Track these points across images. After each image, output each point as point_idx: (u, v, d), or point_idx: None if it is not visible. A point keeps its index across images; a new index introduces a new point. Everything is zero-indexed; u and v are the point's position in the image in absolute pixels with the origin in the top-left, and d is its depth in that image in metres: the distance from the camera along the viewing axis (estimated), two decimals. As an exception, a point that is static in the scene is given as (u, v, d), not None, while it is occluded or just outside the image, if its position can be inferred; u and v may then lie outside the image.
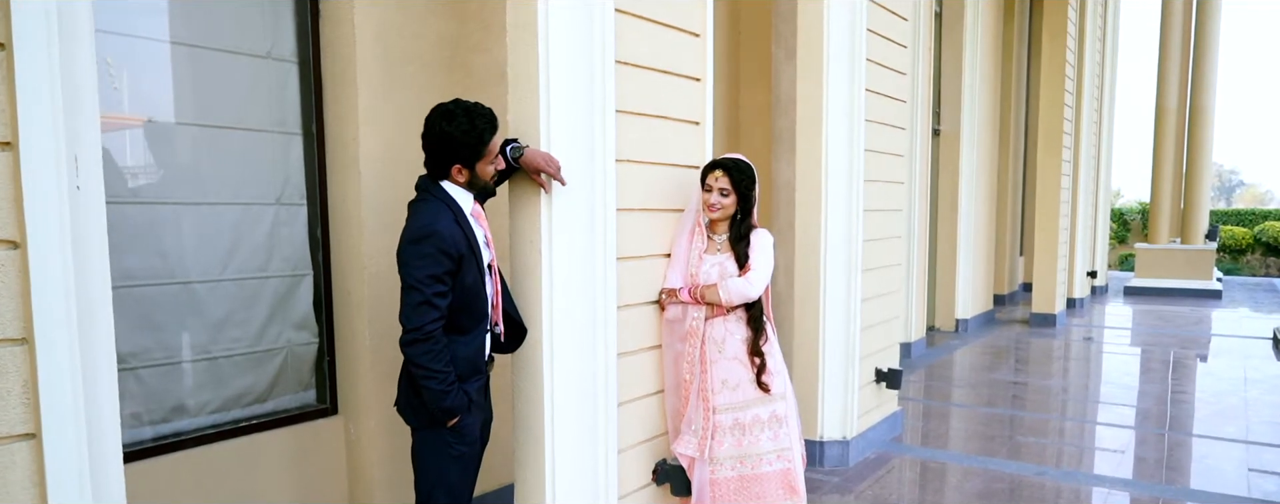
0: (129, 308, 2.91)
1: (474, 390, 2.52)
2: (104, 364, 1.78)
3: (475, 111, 2.43)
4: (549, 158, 2.68)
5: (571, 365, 2.86)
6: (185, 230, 3.08)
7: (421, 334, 2.35)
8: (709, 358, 3.08)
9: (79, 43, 1.67)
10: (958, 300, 9.42)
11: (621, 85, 2.95)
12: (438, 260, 2.36)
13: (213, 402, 3.16)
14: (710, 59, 3.38)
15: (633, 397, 3.10)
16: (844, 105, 4.62)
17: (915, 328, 8.03)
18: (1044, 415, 5.90)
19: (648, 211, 3.12)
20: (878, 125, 4.96)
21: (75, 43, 1.66)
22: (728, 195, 3.04)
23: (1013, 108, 11.57)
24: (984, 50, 9.58)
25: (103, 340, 1.77)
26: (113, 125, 2.93)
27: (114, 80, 2.99)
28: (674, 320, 3.13)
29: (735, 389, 3.06)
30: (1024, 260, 13.11)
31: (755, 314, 3.07)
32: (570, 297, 2.84)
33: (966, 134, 9.20)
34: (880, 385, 5.10)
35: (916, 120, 7.86)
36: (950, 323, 9.47)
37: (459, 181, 2.50)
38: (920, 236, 8.18)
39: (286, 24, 3.36)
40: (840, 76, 4.59)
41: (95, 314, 1.75)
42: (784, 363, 3.19)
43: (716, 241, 3.15)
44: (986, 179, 10.38)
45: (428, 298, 2.35)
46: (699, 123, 3.38)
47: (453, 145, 2.41)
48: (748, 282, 2.98)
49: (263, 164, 3.30)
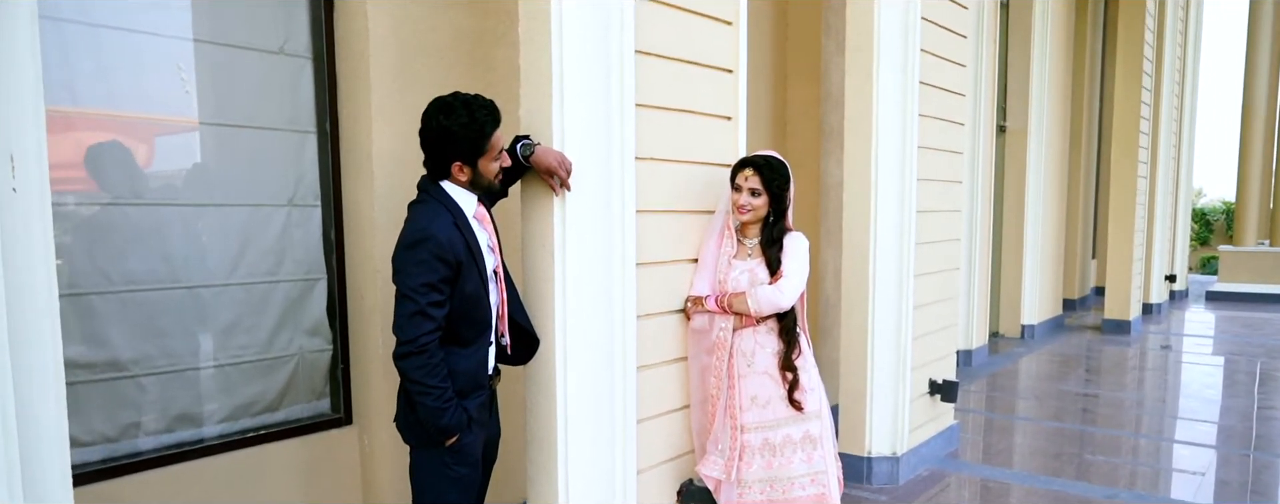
0: (131, 313, 2.81)
1: (474, 407, 2.33)
2: (48, 381, 1.63)
3: (475, 104, 2.24)
4: (562, 158, 2.48)
5: (587, 379, 2.66)
6: (192, 233, 2.97)
7: (415, 347, 2.17)
8: (737, 372, 2.84)
9: (16, 29, 1.52)
10: (1023, 305, 8.95)
11: (643, 77, 2.74)
12: (433, 267, 2.18)
13: (220, 411, 3.04)
14: (744, 49, 3.14)
15: (654, 413, 2.88)
16: (896, 99, 4.32)
17: (976, 334, 7.63)
18: (1116, 431, 5.48)
19: (672, 213, 2.90)
20: (933, 120, 4.64)
21: (12, 29, 1.51)
22: (759, 196, 2.80)
23: (1086, 102, 10.98)
24: (1054, 41, 9.07)
25: (46, 354, 1.63)
26: (145, 127, 2.83)
27: (185, 83, 2.92)
28: (700, 331, 2.91)
29: (765, 406, 2.81)
30: (1096, 263, 12.47)
31: (788, 325, 2.82)
32: (585, 305, 2.63)
33: (1034, 130, 8.73)
34: (934, 398, 4.78)
35: (979, 116, 7.46)
36: (1015, 329, 9.00)
37: (460, 181, 2.31)
38: (983, 238, 7.77)
39: (300, 18, 3.22)
40: (892, 68, 4.29)
41: (37, 325, 1.61)
42: (820, 378, 2.93)
43: (747, 246, 2.91)
44: (1056, 178, 9.86)
45: (422, 308, 2.17)
46: (731, 118, 3.14)
47: (451, 141, 2.23)
48: (778, 290, 2.73)
49: (274, 164, 3.18)
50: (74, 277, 2.70)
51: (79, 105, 2.74)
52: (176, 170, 2.98)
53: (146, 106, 2.91)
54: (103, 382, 2.75)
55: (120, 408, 2.80)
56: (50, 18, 2.62)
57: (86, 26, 2.70)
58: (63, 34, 2.65)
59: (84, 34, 2.70)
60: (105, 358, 2.75)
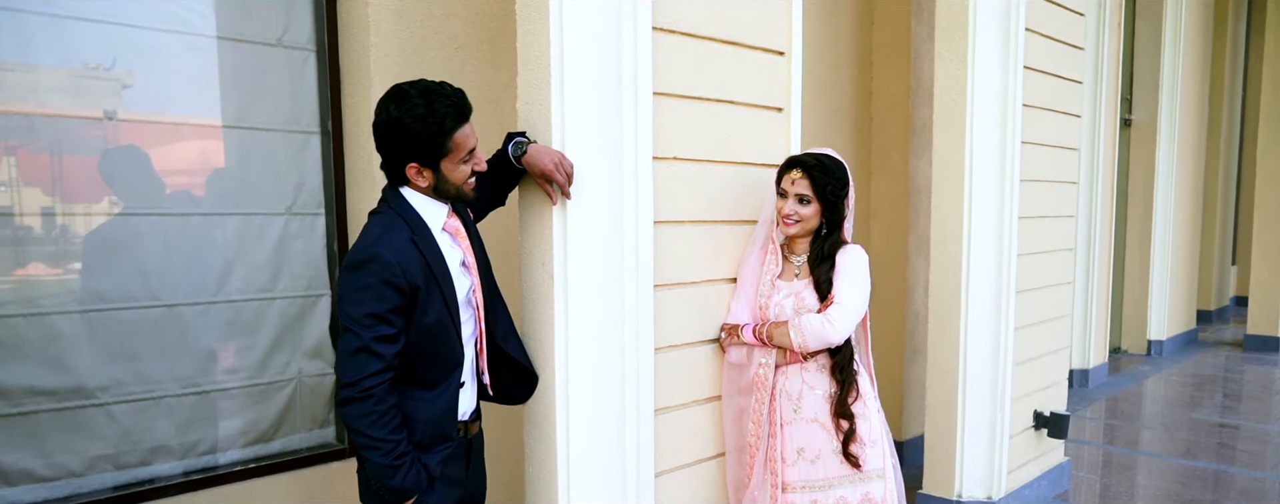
0: (100, 334, 2.53)
1: (438, 463, 1.92)
2: None
3: (436, 92, 1.83)
4: (559, 160, 2.05)
5: (593, 423, 2.21)
6: (173, 245, 2.68)
7: (359, 391, 1.77)
8: (781, 418, 2.34)
9: None
10: (1150, 318, 8.00)
11: (664, 60, 2.27)
12: (380, 294, 1.78)
13: (203, 442, 2.74)
14: (798, 26, 2.63)
15: (679, 463, 2.40)
16: (994, 87, 3.70)
17: (1094, 351, 6.80)
18: (1260, 474, 4.66)
19: (702, 224, 2.42)
20: (1040, 112, 3.99)
21: None
22: (808, 203, 2.29)
23: (1226, 92, 9.79)
24: (1190, 22, 8.06)
25: None
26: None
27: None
28: (738, 366, 2.41)
29: (814, 462, 2.30)
30: (1238, 270, 11.19)
31: (842, 362, 2.30)
32: (590, 335, 2.19)
33: (1165, 124, 7.78)
34: (1040, 432, 4.13)
35: (1099, 107, 6.64)
36: (1140, 345, 8.06)
37: (420, 187, 1.91)
38: (1103, 244, 6.93)
39: (302, 5, 2.90)
40: (990, 50, 3.67)
41: None
42: (886, 427, 2.39)
43: (794, 264, 2.40)
44: (1189, 176, 8.80)
45: (366, 343, 1.77)
46: (782, 110, 2.64)
47: (404, 136, 1.82)
48: (827, 320, 2.21)
49: (271, 168, 2.87)
50: (32, 293, 2.44)
51: (43, 105, 2.48)
52: (156, 176, 2.70)
53: (120, 105, 2.63)
54: (66, 410, 2.48)
55: (87, 439, 2.53)
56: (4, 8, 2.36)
57: (48, 18, 2.44)
58: (21, 24, 2.39)
59: (44, 25, 2.43)
60: (69, 384, 2.48)
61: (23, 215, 2.51)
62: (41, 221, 2.55)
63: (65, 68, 2.50)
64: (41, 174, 2.54)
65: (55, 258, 2.52)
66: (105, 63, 2.58)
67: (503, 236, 2.59)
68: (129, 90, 2.67)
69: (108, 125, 2.61)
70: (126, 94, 2.66)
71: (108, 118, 2.62)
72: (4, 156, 2.47)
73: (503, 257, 2.44)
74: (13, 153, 2.48)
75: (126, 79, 2.68)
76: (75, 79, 2.55)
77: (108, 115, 2.61)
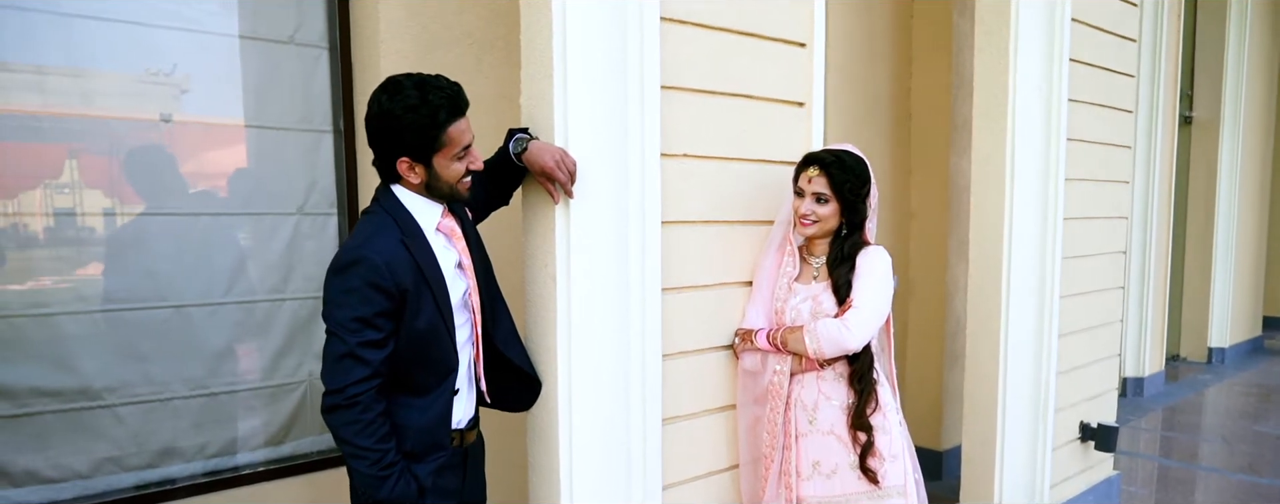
0: (107, 335, 2.51)
1: (429, 473, 1.84)
2: None
3: (430, 84, 1.75)
4: (560, 157, 1.96)
5: (597, 431, 2.12)
6: (182, 245, 2.65)
7: (344, 398, 1.70)
8: (796, 429, 2.22)
9: None
10: (1212, 324, 7.63)
11: (673, 52, 2.17)
12: (367, 298, 1.71)
13: (212, 445, 2.71)
14: (821, 16, 2.50)
15: (687, 476, 2.29)
16: (1037, 81, 3.52)
17: (1150, 359, 6.50)
18: (1333, 492, 4.38)
19: (715, 225, 2.30)
20: (1088, 107, 3.79)
21: None
22: (826, 202, 2.16)
23: (1295, 87, 9.34)
24: (1257, 13, 7.67)
25: None
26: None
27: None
28: (752, 373, 2.29)
29: (831, 476, 2.16)
30: (1308, 274, 10.66)
31: (860, 370, 2.16)
32: (594, 340, 2.09)
33: (1228, 120, 7.42)
34: (1086, 445, 3.92)
35: (1157, 102, 6.35)
36: (1200, 352, 7.69)
37: (412, 184, 1.83)
38: (1160, 246, 6.62)
39: (314, 1, 2.85)
40: (1034, 42, 3.49)
41: None
42: (908, 440, 2.25)
43: (812, 266, 2.27)
44: (1255, 176, 8.39)
45: (351, 349, 1.70)
46: (803, 104, 2.51)
47: (396, 129, 1.74)
48: (844, 325, 2.08)
49: (283, 167, 2.83)
50: (40, 293, 2.42)
51: (48, 104, 2.46)
52: (166, 176, 2.67)
53: (130, 105, 2.61)
54: (72, 411, 2.47)
55: (94, 441, 2.51)
56: (11, 7, 2.35)
57: (54, 15, 2.42)
58: (28, 23, 2.38)
59: (50, 23, 2.42)
60: (76, 385, 2.46)
61: (85, 215, 2.54)
62: (103, 221, 2.57)
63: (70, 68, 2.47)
64: (100, 176, 2.57)
65: (60, 257, 2.51)
66: (155, 65, 2.59)
67: (507, 237, 2.50)
68: (145, 90, 2.65)
69: (164, 128, 2.63)
70: (142, 94, 2.65)
71: (164, 120, 2.64)
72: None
73: (510, 258, 2.35)
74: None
75: (184, 84, 2.70)
76: (135, 83, 2.57)
77: (164, 118, 2.63)
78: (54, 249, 2.50)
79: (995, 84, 3.50)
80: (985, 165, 3.56)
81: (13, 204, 2.46)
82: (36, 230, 2.50)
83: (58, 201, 2.56)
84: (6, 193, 2.44)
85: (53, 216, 2.53)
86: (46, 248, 2.50)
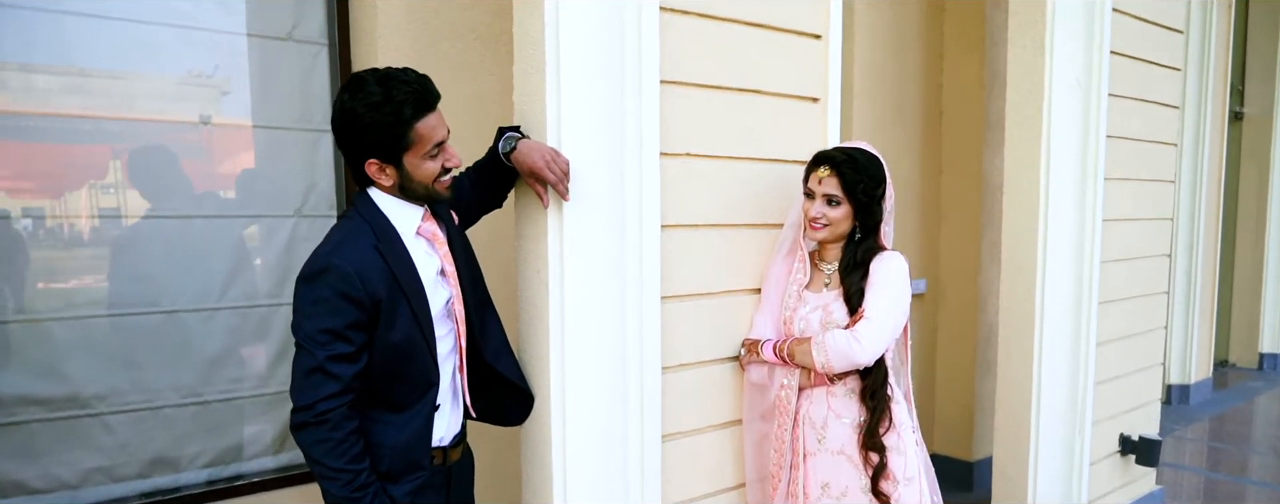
0: (97, 341, 2.45)
1: (407, 494, 1.73)
2: None
3: (395, 79, 1.64)
4: (551, 157, 1.84)
5: (592, 447, 2.00)
6: (174, 249, 2.58)
7: (313, 415, 1.60)
8: (804, 447, 2.07)
9: None
10: (1264, 328, 7.30)
11: (674, 44, 2.04)
12: (337, 308, 1.60)
13: (205, 454, 2.64)
14: (837, 6, 2.35)
15: (689, 496, 2.16)
16: (1076, 75, 3.32)
17: (1197, 365, 6.23)
18: (1395, 510, 4.12)
19: (720, 228, 2.17)
20: (1130, 102, 3.59)
21: None
22: (837, 205, 2.02)
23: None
24: (1310, 5, 7.33)
25: None
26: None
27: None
28: (759, 386, 2.15)
29: (840, 499, 2.01)
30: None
31: (873, 386, 2.01)
32: (589, 351, 1.97)
33: (1282, 116, 7.10)
34: (1127, 459, 3.72)
35: (1204, 98, 6.07)
36: (1252, 358, 7.36)
37: (385, 186, 1.72)
38: (1208, 248, 6.34)
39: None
40: (1072, 33, 3.29)
41: None
42: (926, 461, 2.09)
43: (824, 272, 2.12)
44: (1311, 173, 8.03)
45: (321, 363, 1.59)
46: (818, 100, 2.36)
47: (360, 129, 1.63)
48: (854, 338, 1.93)
49: (281, 167, 2.74)
50: (27, 299, 2.36)
51: (38, 103, 2.40)
52: (159, 178, 2.60)
53: (122, 103, 2.54)
54: (61, 420, 2.40)
55: (83, 450, 2.44)
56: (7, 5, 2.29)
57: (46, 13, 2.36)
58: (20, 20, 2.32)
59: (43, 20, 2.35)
60: (64, 393, 2.40)
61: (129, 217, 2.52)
62: (96, 224, 2.53)
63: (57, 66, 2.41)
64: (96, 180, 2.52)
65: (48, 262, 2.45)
66: (152, 64, 2.54)
67: (504, 243, 2.39)
68: (141, 89, 2.59)
69: (203, 130, 2.60)
70: (141, 93, 2.58)
71: (203, 122, 2.59)
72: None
73: (506, 265, 2.23)
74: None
75: (225, 86, 2.66)
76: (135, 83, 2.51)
77: (203, 120, 2.59)
78: (44, 252, 2.44)
79: (1030, 79, 3.32)
80: (1019, 163, 3.37)
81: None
82: (20, 233, 2.44)
83: (52, 207, 2.50)
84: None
85: (44, 220, 2.47)
86: (39, 251, 2.43)
